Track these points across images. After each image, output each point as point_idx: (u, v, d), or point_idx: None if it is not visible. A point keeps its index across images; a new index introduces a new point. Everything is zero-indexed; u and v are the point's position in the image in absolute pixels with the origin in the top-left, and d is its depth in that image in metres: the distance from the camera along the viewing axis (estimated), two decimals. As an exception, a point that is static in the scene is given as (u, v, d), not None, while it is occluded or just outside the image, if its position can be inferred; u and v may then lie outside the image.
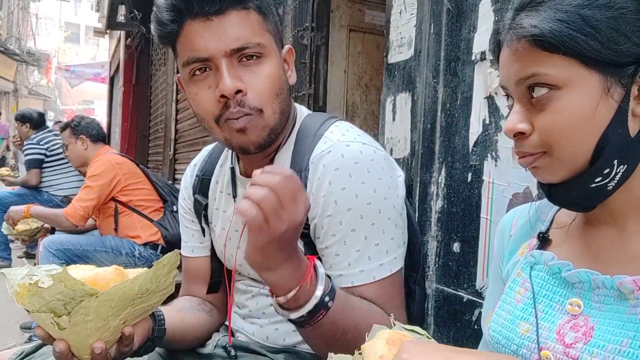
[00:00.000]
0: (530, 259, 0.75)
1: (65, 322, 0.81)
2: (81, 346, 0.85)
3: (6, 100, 21.72)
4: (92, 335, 0.84)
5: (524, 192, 1.22)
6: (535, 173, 0.69)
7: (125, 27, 7.81)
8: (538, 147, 0.66)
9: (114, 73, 11.44)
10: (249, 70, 0.98)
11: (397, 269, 1.02)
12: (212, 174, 1.22)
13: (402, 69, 1.68)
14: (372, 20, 3.03)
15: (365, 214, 0.97)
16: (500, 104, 1.30)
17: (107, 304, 0.82)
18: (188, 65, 0.99)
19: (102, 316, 0.82)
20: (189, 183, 1.26)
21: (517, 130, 0.67)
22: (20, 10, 20.58)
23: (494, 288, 0.87)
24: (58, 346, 0.84)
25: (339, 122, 1.09)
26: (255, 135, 0.99)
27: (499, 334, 0.74)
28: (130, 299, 0.84)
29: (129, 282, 0.83)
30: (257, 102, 0.98)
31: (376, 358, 0.65)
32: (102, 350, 0.85)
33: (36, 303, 0.80)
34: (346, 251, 0.97)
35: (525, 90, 0.66)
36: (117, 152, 3.63)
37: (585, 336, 0.64)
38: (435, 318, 1.47)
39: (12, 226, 3.48)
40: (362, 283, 0.97)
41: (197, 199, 1.22)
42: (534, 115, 0.66)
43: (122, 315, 0.85)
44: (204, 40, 0.96)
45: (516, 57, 0.66)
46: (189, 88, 1.02)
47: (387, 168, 1.02)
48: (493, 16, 1.32)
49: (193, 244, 1.26)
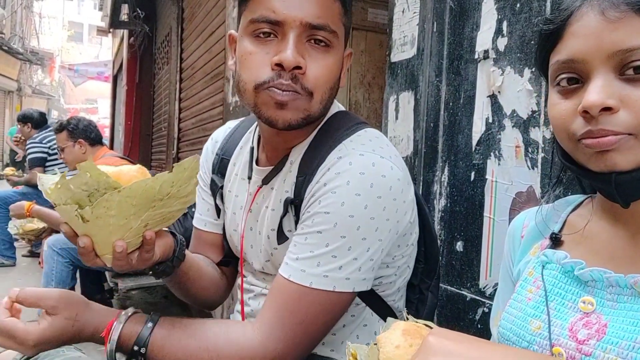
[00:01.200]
0: (542, 258, 0.75)
1: (88, 213, 0.81)
2: (104, 244, 0.85)
3: (10, 99, 21.80)
4: (114, 233, 0.85)
5: (527, 191, 1.22)
6: (606, 158, 0.62)
7: (129, 26, 7.83)
8: (628, 127, 0.60)
9: (117, 72, 11.46)
10: (314, 53, 0.94)
11: (344, 290, 0.92)
12: (231, 155, 1.19)
13: (405, 68, 1.67)
14: (374, 18, 3.03)
15: (340, 224, 0.91)
16: (503, 102, 1.30)
17: (129, 201, 0.82)
18: (255, 23, 0.94)
19: (124, 213, 0.83)
20: (210, 158, 1.23)
21: (607, 104, 0.60)
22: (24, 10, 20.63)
23: (504, 289, 0.87)
24: (82, 241, 0.84)
25: (364, 130, 1.03)
26: (292, 114, 0.94)
27: (510, 331, 0.74)
28: (152, 199, 0.84)
29: (151, 180, 0.83)
30: (312, 85, 0.94)
31: (392, 348, 0.64)
32: (123, 249, 0.85)
33: (62, 196, 0.81)
34: (302, 247, 0.94)
35: (619, 63, 0.61)
36: (116, 154, 3.61)
37: (598, 333, 0.64)
38: (438, 317, 1.47)
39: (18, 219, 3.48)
40: (297, 282, 0.92)
41: (214, 179, 1.21)
42: (626, 92, 0.60)
43: (144, 217, 0.86)
44: (284, 3, 0.92)
45: (616, 26, 0.60)
46: (244, 44, 0.96)
47: (396, 189, 0.94)
48: (496, 15, 1.32)
49: (207, 219, 1.24)
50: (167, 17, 6.62)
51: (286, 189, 1.03)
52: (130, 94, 8.64)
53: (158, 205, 0.86)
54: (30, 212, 3.32)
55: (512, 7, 1.28)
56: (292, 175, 1.02)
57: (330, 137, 1.01)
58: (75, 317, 0.92)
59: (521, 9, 1.25)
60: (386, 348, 0.65)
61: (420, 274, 1.12)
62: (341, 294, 0.93)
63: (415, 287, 1.13)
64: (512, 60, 1.27)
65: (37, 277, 4.22)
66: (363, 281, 0.95)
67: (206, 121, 4.63)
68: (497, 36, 1.32)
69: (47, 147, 4.65)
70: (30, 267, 5.01)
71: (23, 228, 3.53)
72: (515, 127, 1.26)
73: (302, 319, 0.92)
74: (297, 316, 0.92)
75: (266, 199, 1.07)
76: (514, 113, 1.26)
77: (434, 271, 1.13)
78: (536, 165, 1.20)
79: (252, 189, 1.11)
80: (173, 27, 6.06)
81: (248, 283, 1.17)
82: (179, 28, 5.82)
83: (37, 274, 4.44)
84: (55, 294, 0.93)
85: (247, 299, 1.17)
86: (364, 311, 1.06)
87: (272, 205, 1.06)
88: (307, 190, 0.97)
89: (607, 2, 0.61)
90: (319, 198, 0.94)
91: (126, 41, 8.87)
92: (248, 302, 1.17)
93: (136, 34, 7.83)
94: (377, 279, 1.03)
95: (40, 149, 4.71)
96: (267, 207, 1.07)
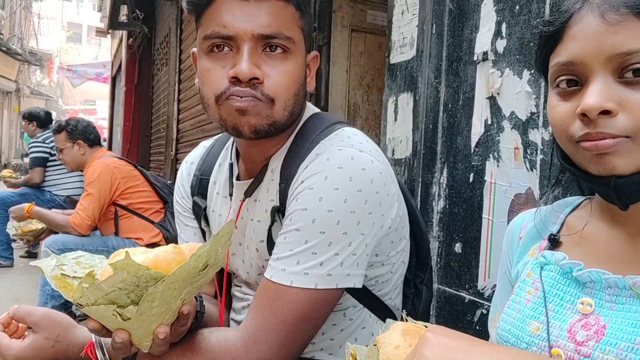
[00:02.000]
0: (541, 259, 0.75)
1: (131, 312, 0.75)
2: (143, 334, 0.80)
3: (8, 99, 21.79)
4: (155, 321, 0.79)
5: (526, 192, 1.22)
6: (604, 161, 0.62)
7: (127, 27, 7.83)
8: (626, 130, 0.60)
9: (115, 73, 11.46)
10: (271, 61, 0.93)
11: (326, 287, 0.90)
12: (210, 174, 1.17)
13: (404, 69, 1.67)
14: (374, 20, 3.03)
15: (319, 220, 0.90)
16: (502, 104, 1.30)
17: (172, 286, 0.77)
18: (209, 39, 0.94)
19: (166, 299, 0.78)
20: (186, 181, 1.20)
21: (605, 107, 0.60)
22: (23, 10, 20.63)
23: (501, 291, 0.87)
24: (120, 336, 0.78)
25: (341, 129, 1.01)
26: (255, 119, 0.93)
27: (508, 332, 0.74)
28: (193, 277, 0.80)
29: (192, 260, 0.77)
30: (272, 92, 0.93)
31: (392, 348, 0.64)
32: (166, 335, 0.81)
33: (91, 296, 0.74)
34: (282, 246, 0.93)
35: (618, 66, 0.61)
36: (114, 154, 3.61)
37: (597, 334, 0.64)
38: (437, 318, 1.47)
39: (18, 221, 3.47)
40: (277, 281, 0.91)
41: (196, 201, 1.18)
42: (624, 95, 0.60)
43: (183, 295, 0.81)
44: (233, 17, 0.91)
45: (615, 30, 0.60)
46: (202, 62, 0.96)
47: (378, 182, 0.93)
48: (495, 16, 1.32)
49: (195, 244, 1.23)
50: (166, 18, 6.63)
51: (271, 198, 1.02)
52: (128, 95, 8.64)
53: (196, 279, 0.82)
54: (30, 213, 3.31)
55: (511, 9, 1.28)
56: (274, 183, 1.01)
57: (307, 140, 1.00)
58: (57, 338, 0.92)
59: (520, 11, 1.25)
60: (386, 348, 0.65)
61: (414, 268, 1.11)
62: (324, 290, 0.91)
63: (410, 281, 1.13)
64: (511, 62, 1.27)
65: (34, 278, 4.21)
66: (347, 277, 0.92)
67: (205, 122, 4.63)
68: (496, 38, 1.32)
69: (49, 147, 4.62)
70: (28, 268, 4.99)
71: (22, 229, 3.53)
72: (514, 128, 1.26)
73: (284, 319, 0.90)
74: (279, 316, 0.90)
75: (250, 211, 1.06)
76: (513, 115, 1.26)
77: (426, 264, 1.13)
78: (535, 166, 1.20)
79: (234, 205, 1.10)
80: (172, 28, 6.07)
81: (242, 293, 1.15)
82: (178, 29, 5.82)
83: (34, 275, 4.42)
84: (40, 312, 0.94)
85: (242, 307, 1.15)
86: (362, 313, 1.06)
87: (257, 217, 1.04)
88: (289, 193, 0.97)
89: (607, 5, 0.61)
90: (296, 196, 0.93)
91: (125, 42, 8.87)
92: (242, 312, 1.15)
93: (135, 35, 7.83)
94: (373, 279, 1.02)
95: (43, 148, 4.69)
96: (253, 220, 1.05)
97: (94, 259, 0.89)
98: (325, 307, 0.94)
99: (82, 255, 0.87)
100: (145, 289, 0.74)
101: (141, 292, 0.74)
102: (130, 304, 0.75)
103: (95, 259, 0.89)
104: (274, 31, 0.92)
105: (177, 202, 1.22)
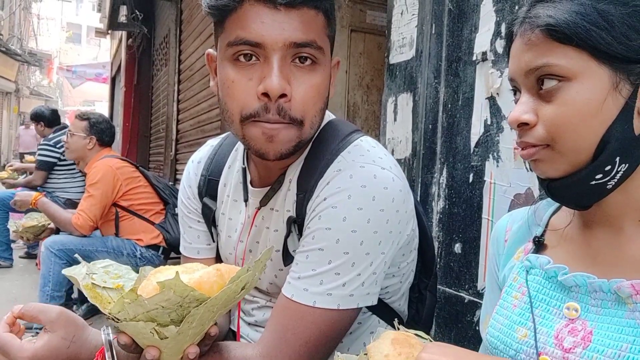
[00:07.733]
0: (526, 263, 0.75)
1: (170, 331, 0.74)
2: (174, 352, 0.79)
3: (8, 100, 21.79)
4: (188, 341, 0.79)
5: (526, 193, 1.22)
6: (536, 167, 0.69)
7: (127, 28, 7.83)
8: (542, 139, 0.66)
9: (115, 73, 11.46)
10: (300, 74, 0.89)
11: (347, 307, 0.90)
12: (219, 175, 1.14)
13: (403, 70, 1.67)
14: (373, 20, 3.03)
15: (342, 240, 0.89)
16: (502, 104, 1.30)
17: (212, 309, 0.76)
18: (234, 46, 0.88)
19: (202, 321, 0.77)
20: (193, 182, 1.17)
21: (521, 120, 0.67)
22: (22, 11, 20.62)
23: (490, 294, 0.87)
24: (151, 353, 0.77)
25: (360, 140, 0.99)
26: (282, 145, 0.90)
27: (497, 339, 0.74)
28: (231, 300, 0.79)
29: (234, 284, 0.77)
30: (300, 113, 0.89)
31: (381, 357, 0.65)
32: (197, 355, 0.79)
33: (131, 312, 0.73)
34: (304, 265, 0.92)
35: (535, 81, 0.67)
36: (117, 155, 3.59)
37: (584, 341, 0.64)
38: (436, 319, 1.47)
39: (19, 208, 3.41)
40: (300, 302, 0.90)
41: (207, 203, 1.15)
42: (540, 107, 0.66)
43: (216, 317, 0.80)
44: (263, 25, 0.86)
45: (529, 48, 0.66)
46: (225, 71, 0.91)
47: (398, 200, 0.93)
48: (495, 17, 1.32)
49: (199, 246, 1.19)
50: (165, 19, 6.63)
51: (287, 208, 1.00)
52: (128, 96, 8.64)
53: (232, 302, 0.81)
54: (36, 202, 3.24)
55: (510, 9, 1.28)
56: (291, 193, 1.00)
57: (325, 150, 0.98)
58: (72, 339, 0.88)
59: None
60: (376, 357, 0.65)
61: (418, 273, 1.11)
62: (345, 311, 0.91)
63: (414, 286, 1.12)
64: (510, 62, 1.28)
65: (34, 278, 4.21)
66: (367, 296, 0.93)
67: (204, 123, 4.63)
68: (496, 38, 1.32)
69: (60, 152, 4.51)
70: (27, 269, 4.99)
71: (22, 225, 3.50)
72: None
73: (307, 340, 0.89)
74: (302, 337, 0.89)
75: (267, 220, 1.04)
76: (513, 115, 1.26)
77: (431, 270, 1.12)
78: (534, 167, 1.20)
79: (250, 211, 1.07)
80: (171, 29, 6.07)
81: (251, 295, 1.14)
82: (178, 30, 5.82)
83: (34, 275, 4.42)
84: (56, 310, 0.89)
85: (251, 309, 1.14)
86: (371, 319, 1.06)
87: (274, 226, 1.03)
88: (308, 207, 0.95)
89: (525, 26, 0.68)
90: (319, 213, 0.92)
91: (124, 43, 8.88)
92: (252, 313, 1.14)
93: (134, 36, 7.84)
94: (384, 289, 1.02)
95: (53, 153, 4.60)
96: (269, 228, 1.04)
97: (121, 269, 0.89)
98: (346, 326, 0.94)
99: (111, 265, 0.86)
100: (187, 309, 0.74)
101: (182, 313, 0.74)
102: (170, 323, 0.75)
103: (122, 269, 0.89)
104: (308, 39, 0.88)
105: (182, 202, 1.19)
